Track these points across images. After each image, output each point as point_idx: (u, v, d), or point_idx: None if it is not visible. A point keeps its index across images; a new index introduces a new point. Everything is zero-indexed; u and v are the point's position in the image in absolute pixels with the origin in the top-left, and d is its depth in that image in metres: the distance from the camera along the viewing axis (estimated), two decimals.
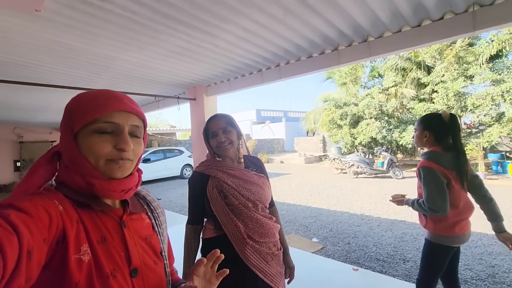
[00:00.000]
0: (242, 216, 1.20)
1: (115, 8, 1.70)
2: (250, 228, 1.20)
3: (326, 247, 3.87)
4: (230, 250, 1.16)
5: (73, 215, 0.51)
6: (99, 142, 0.55)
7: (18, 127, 7.71)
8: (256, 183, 1.27)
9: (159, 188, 9.58)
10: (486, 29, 1.88)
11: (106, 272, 0.51)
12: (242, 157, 1.36)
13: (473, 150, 9.72)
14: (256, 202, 1.24)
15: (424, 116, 1.73)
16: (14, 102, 4.60)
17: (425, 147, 1.71)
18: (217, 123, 1.29)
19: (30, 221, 0.42)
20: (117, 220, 0.59)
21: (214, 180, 1.24)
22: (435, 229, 1.59)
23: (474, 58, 10.11)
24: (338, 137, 13.10)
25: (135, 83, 3.59)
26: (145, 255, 0.61)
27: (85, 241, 0.51)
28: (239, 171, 1.27)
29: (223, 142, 1.26)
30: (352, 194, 7.34)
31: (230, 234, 1.19)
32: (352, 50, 2.45)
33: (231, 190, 1.21)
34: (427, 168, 1.56)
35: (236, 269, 1.14)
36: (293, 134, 23.38)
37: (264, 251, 1.21)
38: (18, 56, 2.45)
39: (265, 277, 1.18)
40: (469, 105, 9.78)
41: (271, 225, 1.26)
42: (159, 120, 31.98)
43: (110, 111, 0.56)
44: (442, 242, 1.60)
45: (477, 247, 3.67)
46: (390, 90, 12.52)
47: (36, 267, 0.41)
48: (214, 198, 1.21)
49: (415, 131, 1.74)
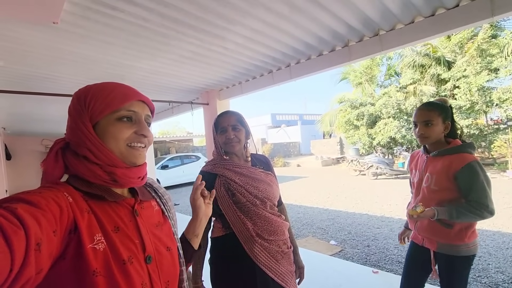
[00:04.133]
0: (250, 214, 1.19)
1: (126, 16, 1.77)
2: (258, 226, 1.18)
3: (345, 249, 3.76)
4: (239, 249, 1.16)
5: (83, 206, 0.53)
6: (123, 128, 0.59)
7: (46, 139, 8.15)
8: (263, 181, 1.26)
9: (177, 194, 9.75)
10: (506, 14, 1.77)
11: (123, 258, 0.53)
12: (250, 156, 1.35)
13: (502, 147, 9.17)
14: (264, 199, 1.22)
15: (440, 105, 1.43)
16: (41, 114, 4.86)
17: (435, 140, 1.42)
18: (227, 119, 1.29)
19: (39, 214, 0.43)
20: (129, 209, 0.61)
21: (221, 179, 1.23)
22: (470, 238, 1.33)
23: (498, 50, 9.58)
24: (355, 138, 12.82)
25: (149, 90, 3.69)
26: (158, 242, 0.63)
27: (98, 230, 0.52)
28: (246, 169, 1.26)
29: (232, 139, 1.25)
30: (372, 195, 7.11)
31: (238, 232, 1.18)
32: (363, 45, 2.39)
33: (239, 188, 1.20)
34: (479, 163, 1.28)
35: (246, 267, 1.15)
36: (309, 137, 23.11)
37: (273, 249, 1.19)
38: (39, 69, 2.59)
39: (276, 276, 1.16)
40: (495, 100, 9.25)
41: (280, 222, 1.24)
42: (177, 128, 32.78)
43: (131, 100, 0.60)
44: (475, 251, 1.34)
45: (509, 248, 3.43)
46: (408, 88, 12.09)
47: (47, 259, 0.42)
48: (222, 196, 1.20)
49: (431, 122, 1.39)
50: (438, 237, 1.39)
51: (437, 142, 1.43)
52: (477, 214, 1.25)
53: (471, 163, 1.28)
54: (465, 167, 1.29)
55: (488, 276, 2.80)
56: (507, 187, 6.93)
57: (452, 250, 1.35)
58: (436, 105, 1.44)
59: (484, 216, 1.26)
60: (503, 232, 3.95)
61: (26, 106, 4.10)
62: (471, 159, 1.30)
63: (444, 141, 1.44)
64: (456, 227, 1.34)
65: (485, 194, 1.26)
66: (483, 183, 1.26)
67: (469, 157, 1.32)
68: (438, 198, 1.37)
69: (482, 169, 1.29)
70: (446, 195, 1.35)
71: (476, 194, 1.26)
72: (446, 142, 1.43)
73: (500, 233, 3.93)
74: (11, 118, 4.95)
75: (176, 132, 28.11)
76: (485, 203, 1.25)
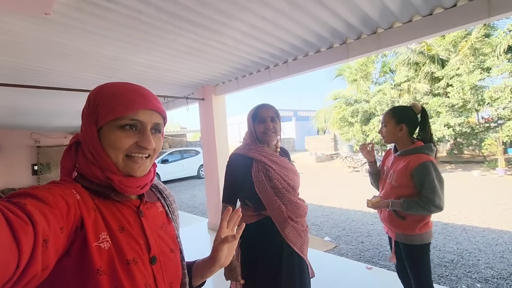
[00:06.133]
0: (283, 199, 1.33)
1: (121, 9, 1.72)
2: (289, 209, 1.34)
3: (339, 246, 3.80)
4: (271, 230, 1.33)
5: (90, 204, 0.53)
6: (123, 138, 0.56)
7: (35, 133, 7.96)
8: (292, 170, 1.42)
9: (172, 190, 9.69)
10: (502, 15, 1.79)
11: (127, 259, 0.52)
12: (279, 147, 1.49)
13: (492, 145, 9.35)
14: (294, 187, 1.39)
15: (395, 109, 1.64)
16: (30, 108, 4.75)
17: (396, 141, 1.61)
18: (267, 111, 1.40)
19: (47, 210, 0.43)
20: (134, 209, 0.60)
21: (259, 164, 1.35)
22: (421, 229, 1.49)
23: (491, 49, 9.70)
24: (349, 135, 12.89)
25: (144, 85, 3.48)
26: (162, 243, 0.62)
27: (104, 229, 0.52)
28: (278, 158, 1.40)
29: (270, 129, 1.38)
30: (365, 192, 7.19)
31: (274, 214, 1.32)
32: (361, 43, 2.39)
33: (276, 175, 1.34)
34: (433, 163, 1.44)
35: (274, 244, 1.35)
36: (303, 133, 23.18)
37: (299, 228, 1.37)
38: (31, 61, 2.52)
39: (298, 249, 1.36)
40: (486, 99, 9.39)
41: (304, 206, 1.42)
42: (170, 123, 32.44)
43: (137, 109, 0.57)
44: (428, 240, 1.51)
45: (498, 245, 3.51)
46: (403, 86, 12.19)
47: (53, 256, 0.42)
48: (260, 180, 1.32)
49: (384, 124, 1.62)
50: (395, 227, 1.58)
51: (403, 143, 1.59)
52: (424, 208, 1.42)
53: (425, 163, 1.43)
54: (420, 166, 1.44)
55: (478, 272, 2.88)
56: (496, 185, 7.09)
57: (406, 239, 1.53)
58: (392, 110, 1.63)
59: (431, 210, 1.42)
60: (493, 228, 4.05)
61: (16, 99, 4.00)
62: (426, 159, 1.45)
63: (409, 142, 1.58)
64: (408, 219, 1.50)
65: (434, 190, 1.40)
66: (433, 181, 1.41)
67: (424, 157, 1.46)
68: (397, 193, 1.54)
69: (435, 169, 1.44)
70: (404, 191, 1.51)
71: (426, 191, 1.42)
72: (411, 144, 1.57)
73: (490, 230, 4.02)
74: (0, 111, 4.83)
75: (170, 127, 27.87)
76: (432, 198, 1.40)
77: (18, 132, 7.72)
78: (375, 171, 1.80)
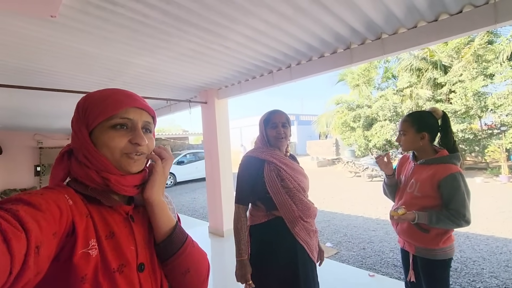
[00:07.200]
0: (294, 199, 1.36)
1: (126, 12, 1.73)
2: (300, 209, 1.37)
3: (340, 252, 3.76)
4: (282, 230, 1.35)
5: (82, 210, 0.53)
6: (116, 137, 0.57)
7: (38, 134, 8.00)
8: (302, 173, 1.47)
9: (171, 193, 9.67)
10: (509, 22, 1.78)
11: (112, 268, 0.52)
12: (289, 151, 1.53)
13: (495, 152, 9.29)
14: (304, 188, 1.44)
15: (414, 115, 1.50)
16: (34, 109, 4.77)
17: (417, 150, 1.50)
18: (279, 117, 1.45)
19: (39, 216, 0.43)
20: (124, 215, 0.60)
21: (271, 165, 1.39)
22: (445, 243, 1.39)
23: (494, 56, 9.70)
24: (351, 140, 12.87)
25: (148, 87, 3.64)
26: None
27: (93, 236, 0.52)
28: (289, 161, 1.45)
29: (281, 134, 1.42)
30: (367, 198, 7.14)
31: (285, 213, 1.35)
32: (365, 48, 2.39)
33: (287, 175, 1.38)
34: (461, 174, 1.34)
35: (287, 243, 1.36)
36: (305, 138, 23.14)
37: (309, 228, 1.40)
38: (35, 63, 2.53)
39: (309, 250, 1.37)
40: (489, 105, 9.36)
41: (314, 208, 1.45)
42: (172, 126, 32.50)
43: (126, 107, 0.58)
44: (451, 254, 1.41)
45: (502, 253, 3.46)
46: (405, 91, 12.19)
47: (45, 261, 0.42)
48: (272, 180, 1.36)
49: (403, 132, 1.50)
50: (415, 241, 1.46)
51: (425, 151, 1.47)
52: (454, 222, 1.32)
53: (454, 174, 1.34)
54: (448, 177, 1.34)
55: (482, 281, 2.83)
56: (500, 192, 7.02)
57: (429, 253, 1.42)
58: (411, 116, 1.51)
59: (461, 225, 1.33)
60: (497, 237, 3.99)
61: (20, 101, 4.01)
62: (455, 170, 1.35)
63: (431, 150, 1.47)
64: (432, 232, 1.39)
65: (464, 204, 1.32)
66: (463, 193, 1.32)
67: (453, 168, 1.37)
68: (420, 204, 1.42)
69: (464, 181, 1.35)
70: (428, 202, 1.41)
71: (456, 204, 1.32)
72: (434, 151, 1.47)
73: (494, 238, 3.97)
74: (3, 112, 4.85)
75: (172, 129, 27.95)
76: (463, 212, 1.31)
77: (21, 133, 7.76)
78: (393, 183, 1.66)
